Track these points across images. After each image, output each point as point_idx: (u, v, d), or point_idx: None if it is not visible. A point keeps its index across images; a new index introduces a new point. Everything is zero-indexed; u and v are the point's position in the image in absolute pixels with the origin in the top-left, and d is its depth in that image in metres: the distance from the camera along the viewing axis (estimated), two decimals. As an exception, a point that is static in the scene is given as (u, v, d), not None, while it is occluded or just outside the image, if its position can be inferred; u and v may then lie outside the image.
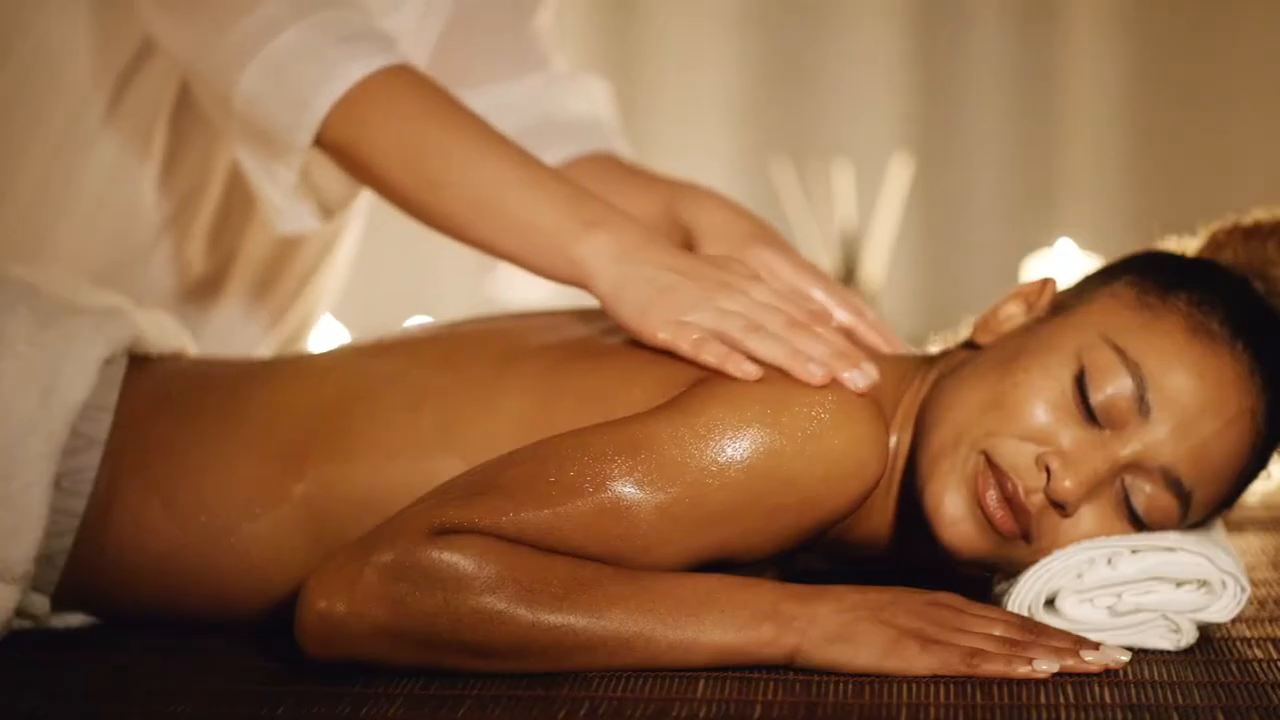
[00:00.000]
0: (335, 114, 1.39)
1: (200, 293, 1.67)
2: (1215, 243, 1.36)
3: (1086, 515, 1.24)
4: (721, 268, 1.34)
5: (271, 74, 1.39)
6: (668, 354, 1.29)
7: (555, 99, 1.69)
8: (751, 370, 1.26)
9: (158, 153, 1.59)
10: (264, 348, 1.74)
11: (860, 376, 1.26)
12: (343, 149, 1.41)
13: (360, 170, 1.42)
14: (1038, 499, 1.23)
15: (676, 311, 1.30)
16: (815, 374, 1.25)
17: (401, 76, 1.41)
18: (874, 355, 1.36)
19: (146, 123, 1.57)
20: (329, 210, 1.52)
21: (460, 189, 1.38)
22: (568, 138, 1.67)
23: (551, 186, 1.38)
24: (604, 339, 1.35)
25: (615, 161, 1.67)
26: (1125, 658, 1.18)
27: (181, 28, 1.44)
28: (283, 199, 1.46)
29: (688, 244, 1.54)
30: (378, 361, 1.37)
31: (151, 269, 1.63)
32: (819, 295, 1.45)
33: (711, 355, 1.27)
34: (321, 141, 1.41)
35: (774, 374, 1.24)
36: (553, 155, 1.63)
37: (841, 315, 1.43)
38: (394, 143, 1.39)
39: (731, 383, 1.24)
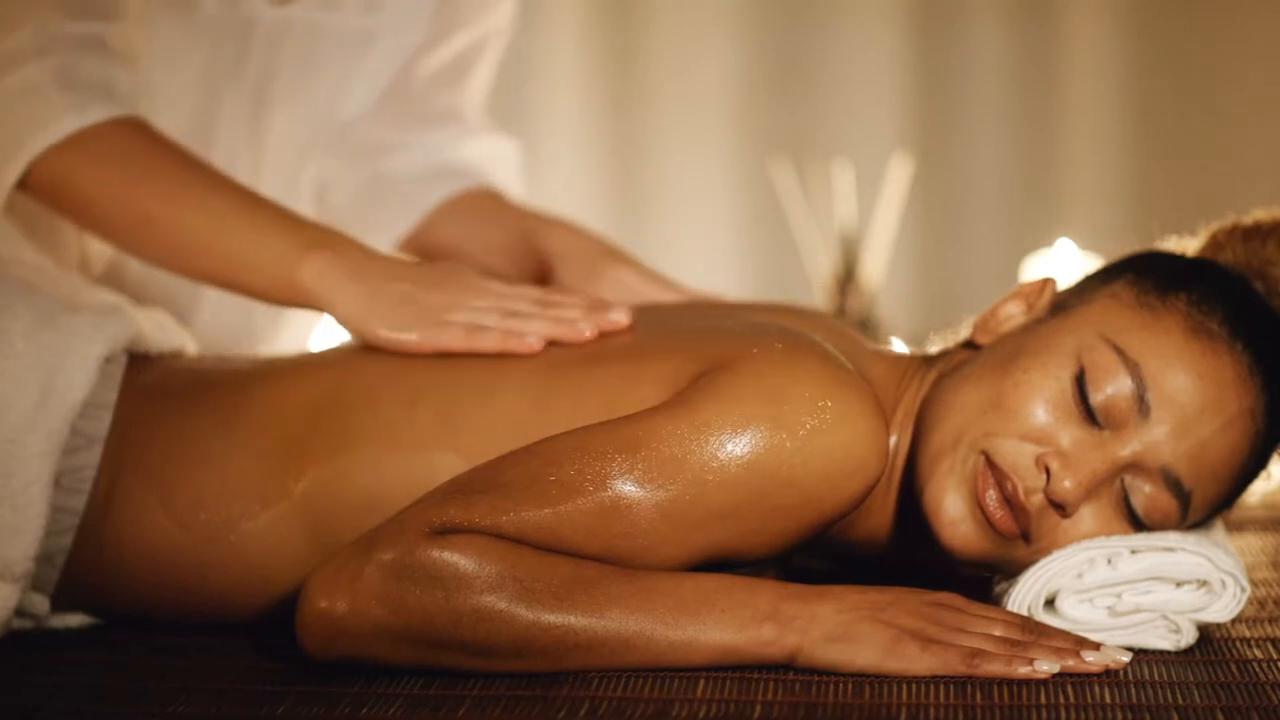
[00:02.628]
0: (49, 159, 1.41)
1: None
2: (1215, 243, 1.36)
3: (1086, 515, 1.24)
4: (453, 272, 1.39)
5: (1, 106, 1.42)
6: (668, 355, 1.29)
7: (453, 149, 1.76)
8: (533, 341, 1.32)
9: None
10: (262, 345, 1.74)
11: (618, 314, 1.34)
12: (56, 190, 1.42)
13: (76, 209, 1.43)
14: (1037, 499, 1.24)
15: (433, 316, 1.35)
16: (583, 331, 1.33)
17: (125, 126, 1.43)
18: (875, 355, 1.37)
19: None
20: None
21: (174, 223, 1.41)
22: (452, 179, 1.73)
23: (266, 215, 1.41)
24: (604, 340, 1.35)
25: (489, 196, 1.74)
26: (1125, 658, 1.18)
27: None
28: None
29: (544, 269, 1.63)
30: (376, 359, 1.37)
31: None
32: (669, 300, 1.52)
33: (488, 341, 1.33)
34: (33, 184, 1.42)
35: (774, 373, 1.24)
36: (437, 194, 1.71)
37: None
38: (110, 182, 1.41)
39: (731, 380, 1.23)
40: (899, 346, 1.45)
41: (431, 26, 1.71)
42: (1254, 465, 1.28)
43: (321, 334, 1.85)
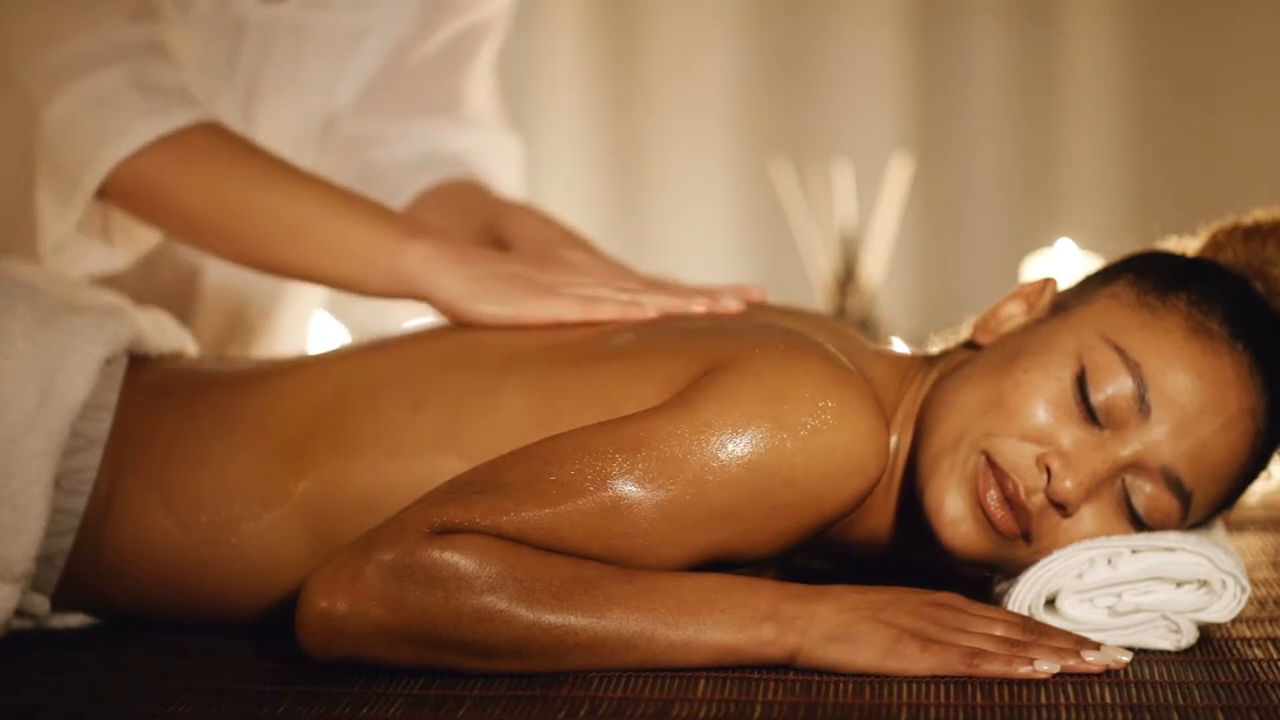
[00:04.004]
0: (130, 165, 1.41)
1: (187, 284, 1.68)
2: (1215, 243, 1.36)
3: (1087, 515, 1.24)
4: (558, 259, 1.42)
5: (71, 115, 1.42)
6: (669, 355, 1.29)
7: (441, 139, 1.76)
8: (651, 311, 1.34)
9: None
10: (258, 347, 1.74)
11: (732, 301, 1.35)
12: (137, 193, 1.42)
13: (159, 210, 1.43)
14: (1038, 499, 1.24)
15: (546, 290, 1.36)
16: (698, 305, 1.35)
17: (205, 129, 1.43)
18: (875, 356, 1.37)
19: None
20: (126, 251, 1.55)
21: (266, 214, 1.41)
22: (436, 168, 1.73)
23: (361, 206, 1.42)
24: (606, 340, 1.35)
25: (471, 185, 1.73)
26: (1126, 658, 1.18)
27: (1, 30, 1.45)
28: (60, 234, 1.47)
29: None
30: (378, 361, 1.37)
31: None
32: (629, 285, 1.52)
33: (605, 309, 1.34)
34: (112, 189, 1.42)
35: (775, 373, 1.24)
36: (419, 182, 1.71)
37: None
38: (195, 179, 1.42)
39: (732, 380, 1.23)
40: (899, 346, 1.45)
41: (421, 18, 1.71)
42: (1254, 465, 1.28)
43: (319, 335, 1.85)
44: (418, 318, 1.52)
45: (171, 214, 1.44)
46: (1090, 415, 1.24)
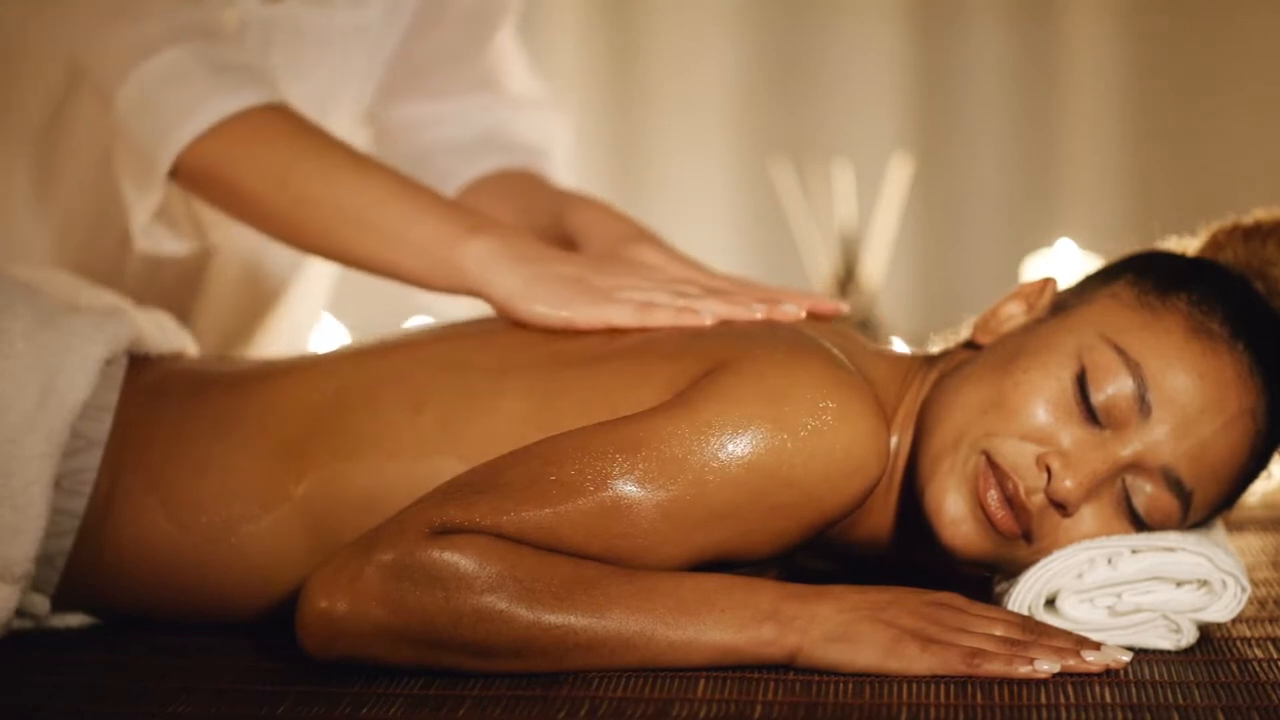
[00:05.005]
0: (200, 144, 1.41)
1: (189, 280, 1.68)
2: (1215, 243, 1.36)
3: (1087, 515, 1.24)
4: (618, 259, 1.40)
5: (144, 94, 1.42)
6: (670, 356, 1.29)
7: (496, 118, 1.75)
8: (706, 318, 1.32)
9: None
10: (259, 347, 1.74)
11: (792, 308, 1.33)
12: (207, 174, 1.42)
13: (227, 193, 1.43)
14: (1038, 499, 1.24)
15: (600, 294, 1.34)
16: (758, 311, 1.32)
17: (274, 111, 1.43)
18: (875, 356, 1.37)
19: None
20: (197, 238, 1.54)
21: (331, 203, 1.40)
22: (494, 153, 1.72)
23: (425, 198, 1.41)
24: (606, 342, 1.35)
25: (530, 176, 1.72)
26: (1126, 658, 1.18)
27: (65, 20, 1.45)
28: (144, 214, 1.47)
29: (572, 248, 1.59)
30: (379, 362, 1.37)
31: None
32: (704, 281, 1.49)
33: (661, 316, 1.32)
34: (183, 169, 1.42)
35: (776, 373, 1.24)
36: (476, 168, 1.70)
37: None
38: (263, 163, 1.41)
39: (732, 381, 1.23)
40: (899, 346, 1.45)
41: (423, 11, 1.71)
42: (1254, 465, 1.28)
43: (320, 336, 1.85)
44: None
45: (239, 198, 1.43)
46: (1090, 415, 1.24)
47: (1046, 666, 1.15)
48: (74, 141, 1.57)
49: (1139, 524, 1.25)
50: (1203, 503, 1.26)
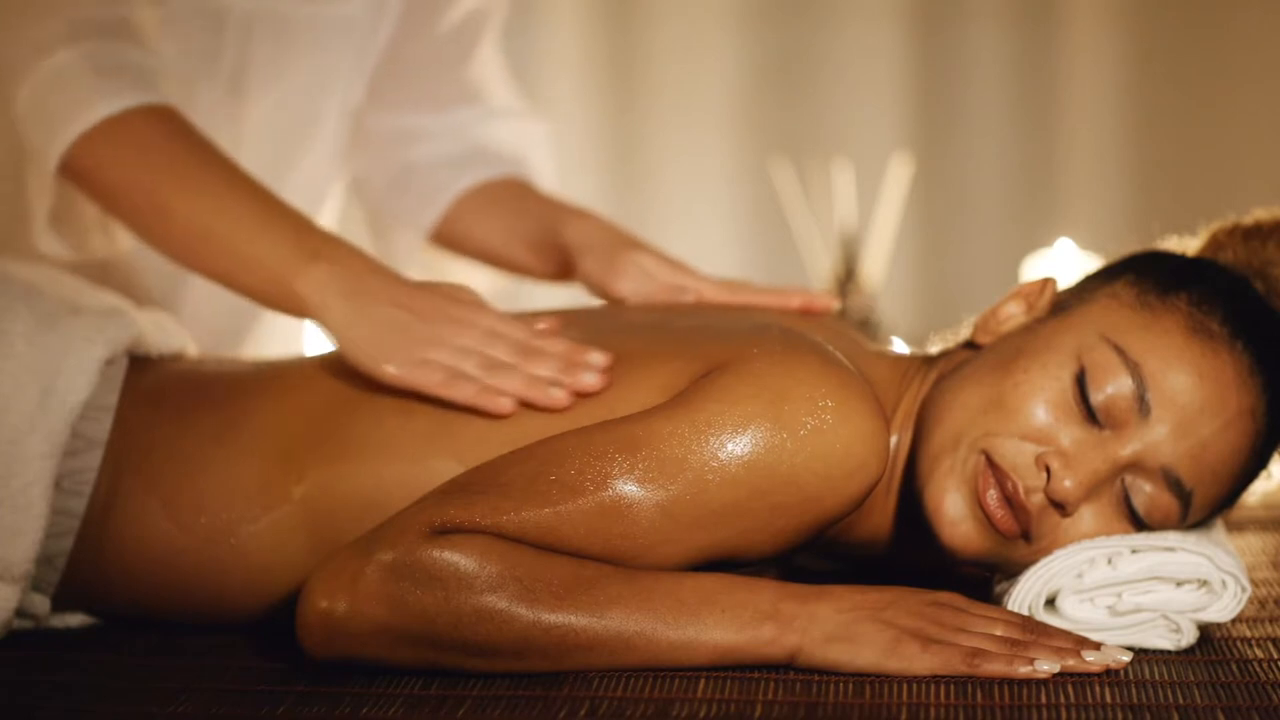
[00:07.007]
0: (81, 147, 1.40)
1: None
2: (1215, 243, 1.36)
3: (1087, 515, 1.24)
4: (449, 297, 1.37)
5: (36, 95, 1.42)
6: (669, 357, 1.29)
7: (482, 131, 1.75)
8: (505, 404, 1.29)
9: None
10: (248, 345, 1.74)
11: (590, 377, 1.29)
12: (86, 178, 1.42)
13: (103, 198, 1.43)
14: (1038, 499, 1.24)
15: (415, 351, 1.32)
16: (557, 398, 1.29)
17: (154, 115, 1.42)
18: (875, 356, 1.37)
19: None
20: (107, 242, 1.55)
21: (188, 218, 1.40)
22: (482, 165, 1.73)
23: (278, 219, 1.40)
24: (604, 342, 1.35)
25: (518, 185, 1.73)
26: (1126, 658, 1.18)
27: None
28: (40, 215, 1.48)
29: (567, 260, 1.61)
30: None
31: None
32: (693, 285, 1.51)
33: (462, 393, 1.30)
34: (68, 172, 1.42)
35: (775, 373, 1.24)
36: (464, 181, 1.70)
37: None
38: (133, 171, 1.41)
39: (732, 381, 1.23)
40: (899, 346, 1.45)
41: (420, 8, 1.71)
42: (1254, 465, 1.28)
43: (316, 337, 1.84)
44: None
45: (114, 203, 1.43)
46: (1090, 415, 1.24)
47: (1046, 666, 1.15)
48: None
49: (1139, 524, 1.25)
50: (1202, 503, 1.26)
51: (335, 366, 1.38)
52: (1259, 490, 1.41)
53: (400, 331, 1.34)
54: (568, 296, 1.80)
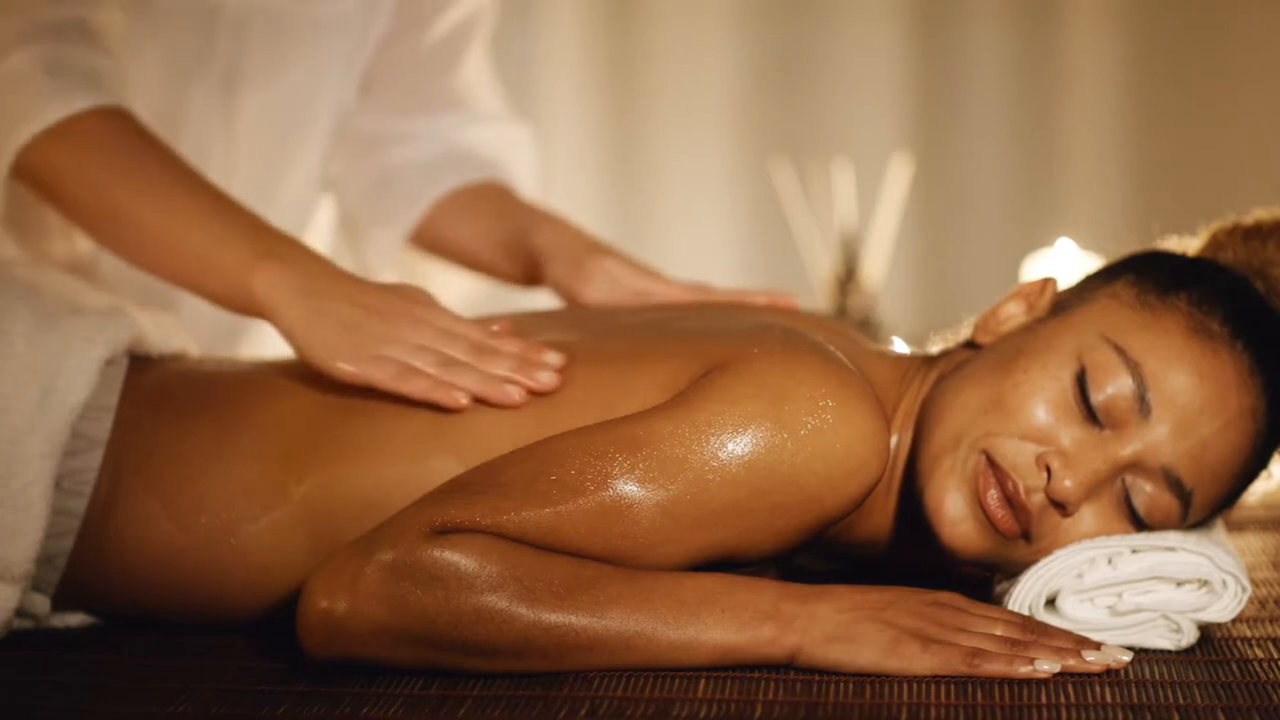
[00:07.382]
0: (32, 149, 1.41)
1: None
2: (1215, 243, 1.36)
3: (1087, 515, 1.24)
4: (404, 297, 1.37)
5: None
6: (670, 357, 1.29)
7: (463, 135, 1.75)
8: (461, 398, 1.29)
9: None
10: (243, 342, 1.74)
11: (546, 376, 1.30)
12: (38, 179, 1.42)
13: (56, 200, 1.43)
14: (1038, 498, 1.24)
15: (369, 348, 1.32)
16: (511, 394, 1.29)
17: (108, 117, 1.42)
18: (875, 355, 1.37)
19: None
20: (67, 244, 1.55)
21: (140, 220, 1.40)
22: (458, 170, 1.73)
23: (229, 219, 1.40)
24: (603, 342, 1.35)
25: (497, 190, 1.73)
26: (1127, 657, 1.18)
27: None
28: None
29: (536, 264, 1.62)
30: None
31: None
32: (659, 290, 1.52)
33: (416, 387, 1.30)
34: (21, 173, 1.42)
35: (775, 372, 1.24)
36: (444, 184, 1.71)
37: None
38: (85, 173, 1.41)
39: (732, 380, 1.23)
40: (899, 346, 1.45)
41: (411, 11, 1.71)
42: (1255, 465, 1.28)
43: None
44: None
45: (66, 205, 1.43)
46: (1090, 415, 1.24)
47: (1047, 666, 1.16)
48: None
49: (1139, 524, 1.25)
50: (1203, 502, 1.26)
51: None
52: (1259, 490, 1.41)
53: (355, 329, 1.34)
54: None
